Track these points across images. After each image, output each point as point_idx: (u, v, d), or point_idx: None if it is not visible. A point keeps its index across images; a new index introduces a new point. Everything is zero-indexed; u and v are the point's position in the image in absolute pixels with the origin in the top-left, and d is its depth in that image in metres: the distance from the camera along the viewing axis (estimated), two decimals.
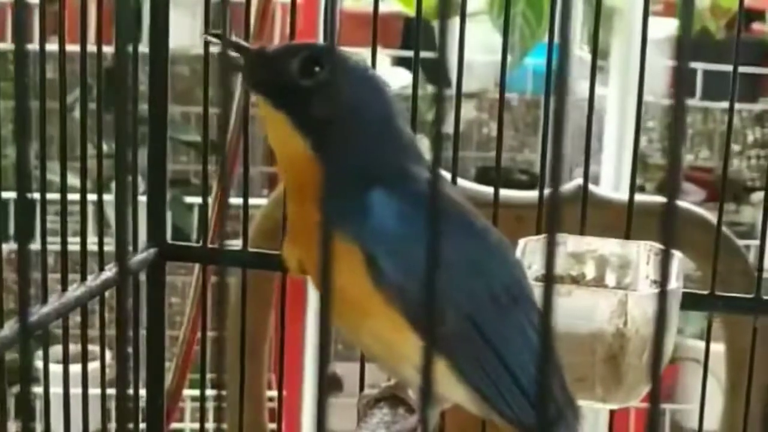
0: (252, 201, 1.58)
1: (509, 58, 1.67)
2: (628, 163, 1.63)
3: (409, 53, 2.13)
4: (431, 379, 0.30)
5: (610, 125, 1.76)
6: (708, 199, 2.12)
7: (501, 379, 0.62)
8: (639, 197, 0.86)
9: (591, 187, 1.08)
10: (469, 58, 1.50)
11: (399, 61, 2.12)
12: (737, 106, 2.02)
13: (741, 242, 1.15)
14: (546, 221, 0.29)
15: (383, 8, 2.09)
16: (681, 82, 0.25)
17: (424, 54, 0.84)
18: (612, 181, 1.73)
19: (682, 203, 1.12)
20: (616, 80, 1.71)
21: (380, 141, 0.64)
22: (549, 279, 0.28)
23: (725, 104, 1.98)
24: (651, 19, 1.76)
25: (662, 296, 0.27)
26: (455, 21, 0.88)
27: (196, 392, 1.63)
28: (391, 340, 0.62)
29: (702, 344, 0.88)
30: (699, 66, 1.97)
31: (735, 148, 2.34)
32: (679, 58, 0.25)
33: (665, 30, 1.98)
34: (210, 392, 1.82)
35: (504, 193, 0.88)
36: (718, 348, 1.12)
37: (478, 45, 1.87)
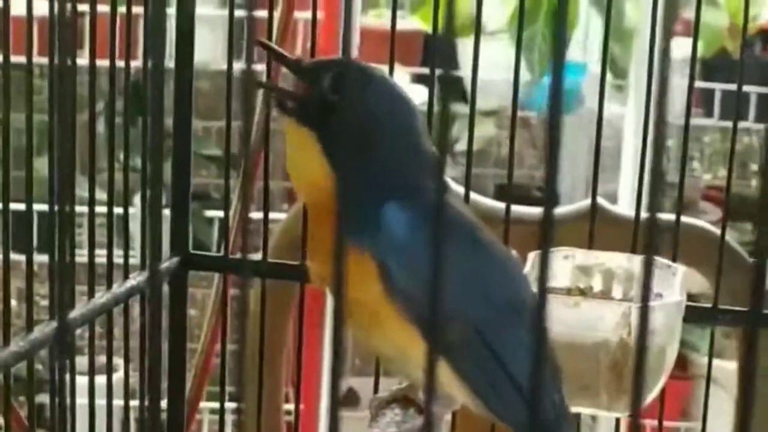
0: (272, 215, 1.59)
1: (529, 76, 1.68)
2: (646, 182, 1.63)
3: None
4: (435, 384, 0.31)
5: (627, 144, 1.77)
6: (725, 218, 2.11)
7: (503, 388, 0.65)
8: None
9: (608, 205, 1.09)
10: (488, 76, 1.50)
11: (418, 79, 2.13)
12: (755, 126, 2.02)
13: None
14: (539, 238, 0.30)
15: (403, 26, 2.11)
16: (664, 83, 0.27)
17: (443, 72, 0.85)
18: (630, 199, 1.74)
19: (697, 222, 1.13)
20: (634, 99, 1.72)
21: (400, 156, 0.66)
22: (542, 293, 0.29)
23: (744, 124, 1.99)
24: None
25: (644, 309, 0.28)
26: (473, 40, 0.89)
27: (215, 404, 1.64)
28: (403, 346, 0.65)
29: (718, 362, 0.89)
30: (717, 86, 1.98)
31: (753, 167, 2.34)
32: (662, 61, 0.26)
33: (684, 50, 1.99)
34: (229, 405, 1.83)
35: (520, 209, 0.89)
36: (733, 365, 1.12)
37: (498, 63, 1.89)
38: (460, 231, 0.66)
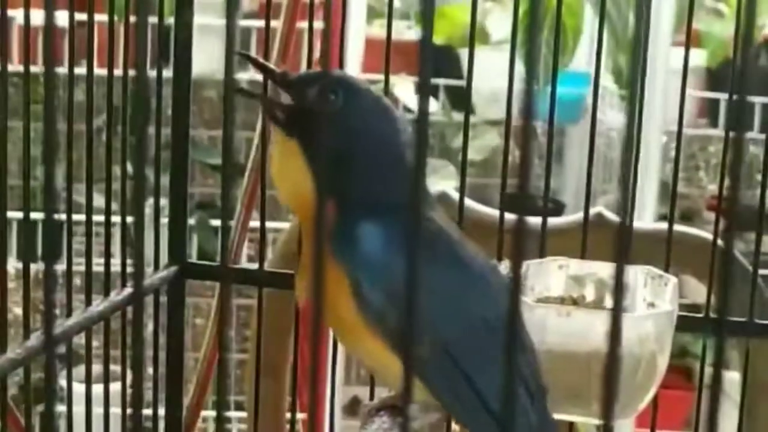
0: (278, 225, 1.58)
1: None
2: (650, 192, 1.64)
3: (436, 81, 2.15)
4: (411, 399, 0.31)
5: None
6: (729, 228, 2.11)
7: (471, 403, 0.65)
8: (655, 226, 0.87)
9: (611, 215, 1.09)
10: (494, 86, 1.50)
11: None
12: (760, 136, 2.01)
13: (764, 272, 1.15)
14: (511, 249, 0.30)
15: (409, 36, 2.11)
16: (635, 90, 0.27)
17: (449, 82, 0.85)
18: (638, 209, 1.74)
19: (700, 232, 1.13)
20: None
21: (385, 171, 0.66)
22: (513, 312, 0.29)
23: (748, 134, 1.98)
24: (674, 49, 1.76)
25: (616, 315, 0.28)
26: (482, 50, 0.90)
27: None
28: (379, 359, 0.66)
29: (727, 373, 0.90)
30: (722, 96, 1.97)
31: (758, 177, 2.33)
32: (633, 64, 0.26)
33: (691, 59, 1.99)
34: (232, 414, 1.83)
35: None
36: (737, 375, 1.12)
37: (504, 72, 1.89)
38: (438, 250, 0.66)
